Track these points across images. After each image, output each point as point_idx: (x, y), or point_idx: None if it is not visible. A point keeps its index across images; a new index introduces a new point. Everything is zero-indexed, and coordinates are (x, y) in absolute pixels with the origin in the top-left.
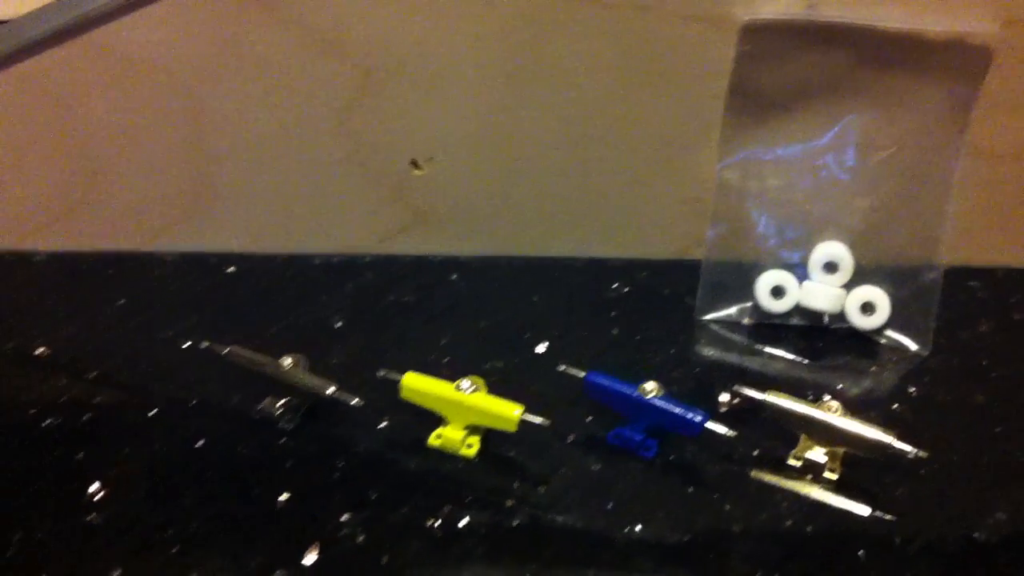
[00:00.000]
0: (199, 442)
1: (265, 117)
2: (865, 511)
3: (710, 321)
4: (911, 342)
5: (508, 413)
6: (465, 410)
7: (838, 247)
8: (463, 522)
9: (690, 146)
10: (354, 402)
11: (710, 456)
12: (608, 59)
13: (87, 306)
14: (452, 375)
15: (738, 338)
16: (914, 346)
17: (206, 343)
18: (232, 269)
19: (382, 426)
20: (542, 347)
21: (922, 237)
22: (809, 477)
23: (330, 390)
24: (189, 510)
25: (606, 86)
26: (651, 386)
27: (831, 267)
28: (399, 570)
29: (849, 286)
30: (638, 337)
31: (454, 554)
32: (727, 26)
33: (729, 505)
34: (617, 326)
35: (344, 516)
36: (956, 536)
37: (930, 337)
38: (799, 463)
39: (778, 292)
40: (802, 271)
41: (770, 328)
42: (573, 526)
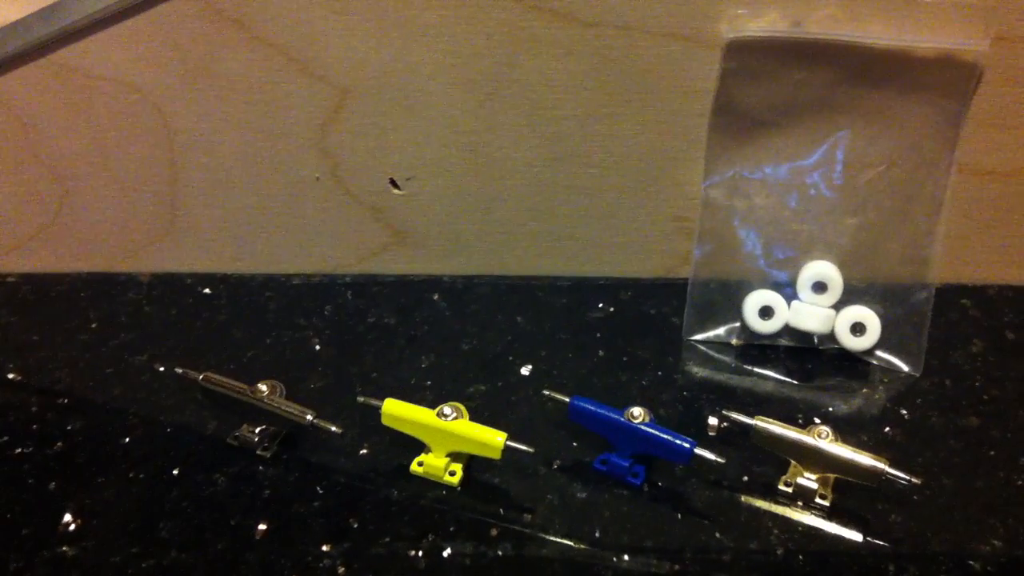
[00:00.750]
0: (174, 470)
1: (240, 136)
2: (858, 538)
3: (698, 342)
4: (902, 363)
5: (492, 440)
6: (448, 437)
7: (827, 267)
8: (446, 552)
9: (675, 164)
10: (333, 430)
11: (699, 482)
12: (590, 77)
13: (60, 329)
14: (434, 398)
15: (726, 359)
16: (905, 367)
17: (180, 370)
18: (208, 290)
19: (363, 453)
20: (526, 370)
21: (912, 256)
22: (800, 504)
23: (309, 418)
24: (165, 541)
25: (588, 105)
26: (638, 412)
27: (820, 287)
28: None
29: (839, 306)
30: (624, 359)
31: None
32: (712, 43)
33: (719, 532)
34: (603, 347)
35: (324, 547)
36: (951, 564)
37: (922, 358)
38: (790, 488)
39: (767, 312)
40: (791, 291)
41: (759, 349)
42: (559, 555)
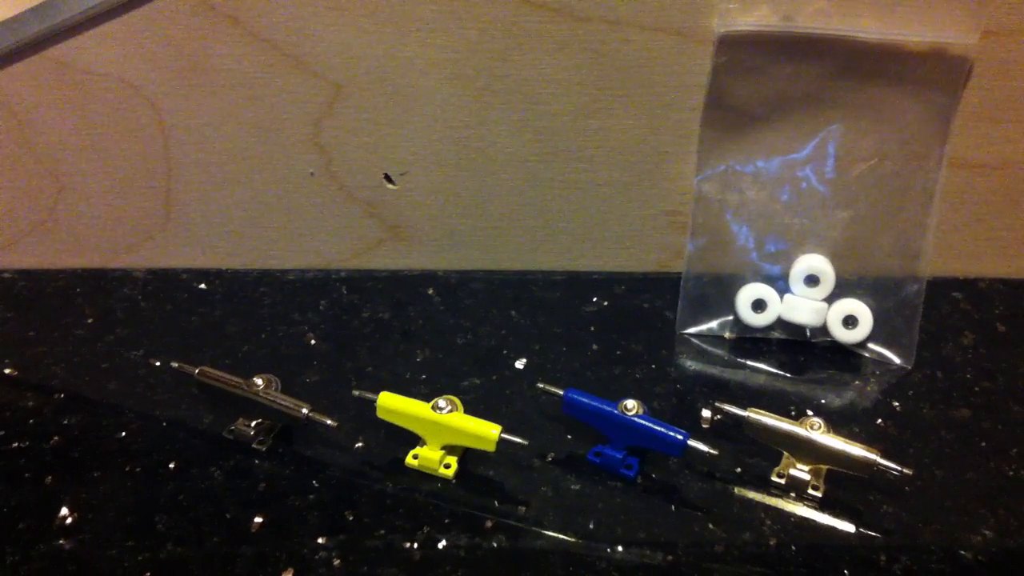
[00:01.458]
0: (170, 464)
1: (234, 131)
2: (850, 529)
3: (691, 335)
4: (894, 355)
5: (486, 433)
6: (442, 430)
7: (819, 260)
8: (441, 544)
9: (668, 159)
10: (329, 423)
11: (692, 474)
12: (582, 72)
13: (55, 325)
14: (429, 392)
15: (719, 352)
16: (897, 359)
17: (175, 364)
18: (203, 286)
19: (358, 446)
20: (520, 363)
21: (904, 249)
22: (793, 495)
23: (304, 412)
24: (161, 534)
25: (581, 99)
26: (631, 404)
27: (813, 280)
28: None
29: (831, 299)
30: (618, 352)
31: None
32: (703, 38)
33: (712, 524)
34: (596, 341)
35: (320, 539)
36: (942, 554)
37: (913, 350)
38: (783, 480)
39: (759, 306)
40: (783, 284)
41: (752, 342)
42: (554, 547)
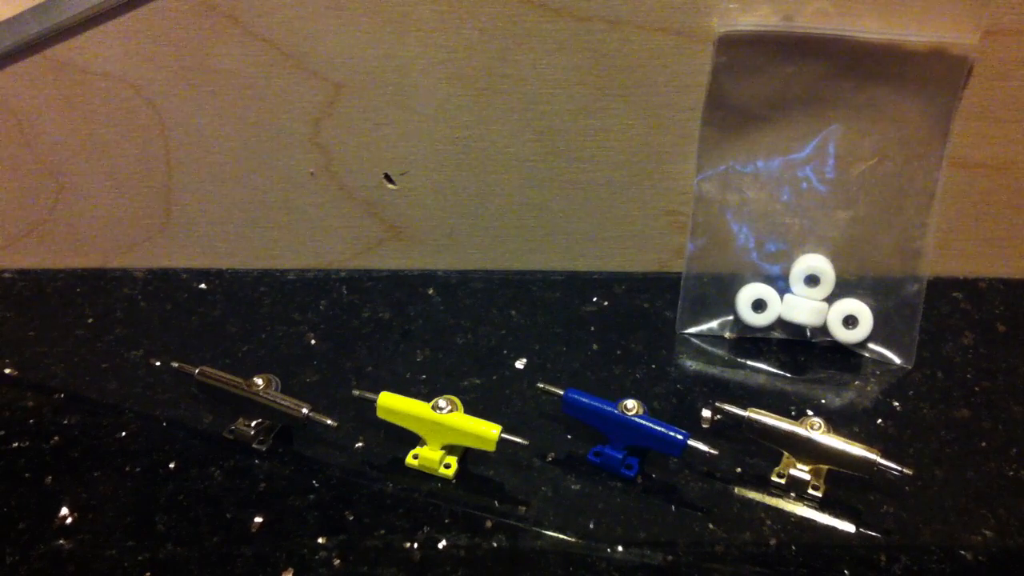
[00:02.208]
0: (170, 464)
1: (234, 131)
2: (850, 528)
3: (691, 335)
4: (894, 355)
5: (487, 433)
6: (442, 430)
7: (820, 260)
8: (441, 544)
9: (668, 159)
10: (329, 423)
11: (692, 474)
12: (582, 72)
13: (55, 325)
14: (429, 392)
15: (719, 352)
16: (897, 359)
17: (176, 364)
18: (203, 286)
19: (358, 446)
20: (520, 363)
21: (904, 249)
22: (793, 495)
23: (304, 412)
24: (161, 534)
25: (581, 99)
26: (631, 404)
27: (813, 280)
28: None
29: (831, 299)
30: (618, 352)
31: None
32: (703, 38)
33: (712, 524)
34: (596, 341)
35: (319, 539)
36: (942, 554)
37: (913, 350)
38: (783, 480)
39: (759, 306)
40: (783, 284)
41: (752, 342)
42: (554, 547)
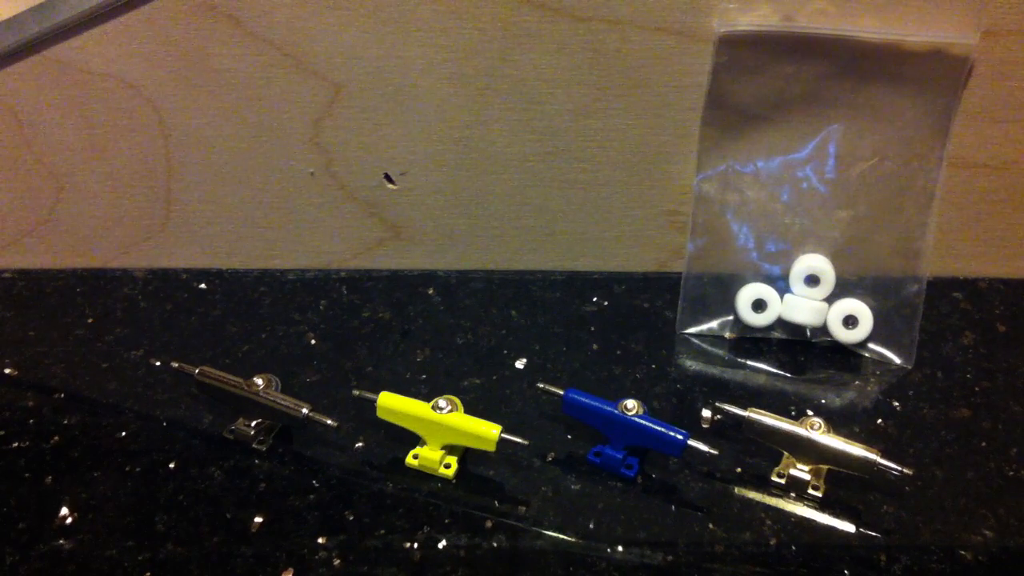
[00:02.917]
0: (170, 464)
1: (234, 132)
2: (850, 528)
3: (691, 335)
4: (894, 355)
5: (487, 433)
6: (442, 430)
7: (820, 260)
8: (441, 544)
9: (667, 159)
10: (329, 423)
11: (692, 474)
12: (582, 72)
13: (55, 325)
14: (429, 392)
15: (719, 352)
16: (897, 359)
17: (176, 364)
18: (203, 286)
19: (358, 446)
20: (520, 363)
21: (904, 249)
22: (793, 495)
23: (304, 412)
24: (161, 534)
25: (581, 99)
26: (632, 404)
27: (813, 280)
28: None
29: (831, 299)
30: (618, 352)
31: None
32: (703, 38)
33: (712, 524)
34: (596, 341)
35: (319, 539)
36: (942, 554)
37: (913, 350)
38: (783, 480)
39: (759, 306)
40: (783, 284)
41: (752, 342)
42: (554, 547)
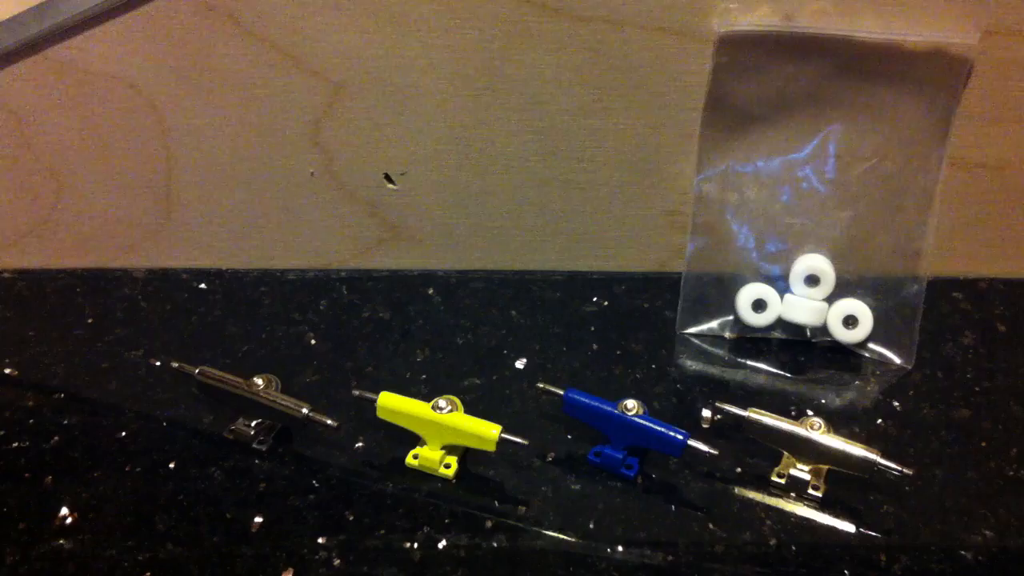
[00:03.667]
0: (170, 464)
1: (234, 131)
2: (850, 528)
3: (691, 335)
4: (894, 355)
5: (487, 433)
6: (442, 430)
7: (820, 260)
8: (441, 544)
9: (668, 158)
10: (329, 423)
11: (692, 474)
12: (582, 72)
13: (55, 325)
14: (429, 392)
15: (720, 352)
16: (897, 359)
17: (176, 364)
18: (203, 285)
19: (358, 446)
20: (520, 363)
21: (904, 249)
22: (793, 495)
23: (304, 412)
24: (161, 534)
25: (581, 99)
26: (632, 404)
27: (813, 280)
28: None
29: (831, 299)
30: (618, 352)
31: None
32: (704, 38)
33: (712, 524)
34: (596, 341)
35: (319, 539)
36: (942, 554)
37: (914, 350)
38: (783, 480)
39: (760, 306)
40: (783, 284)
41: (752, 342)
42: (554, 547)
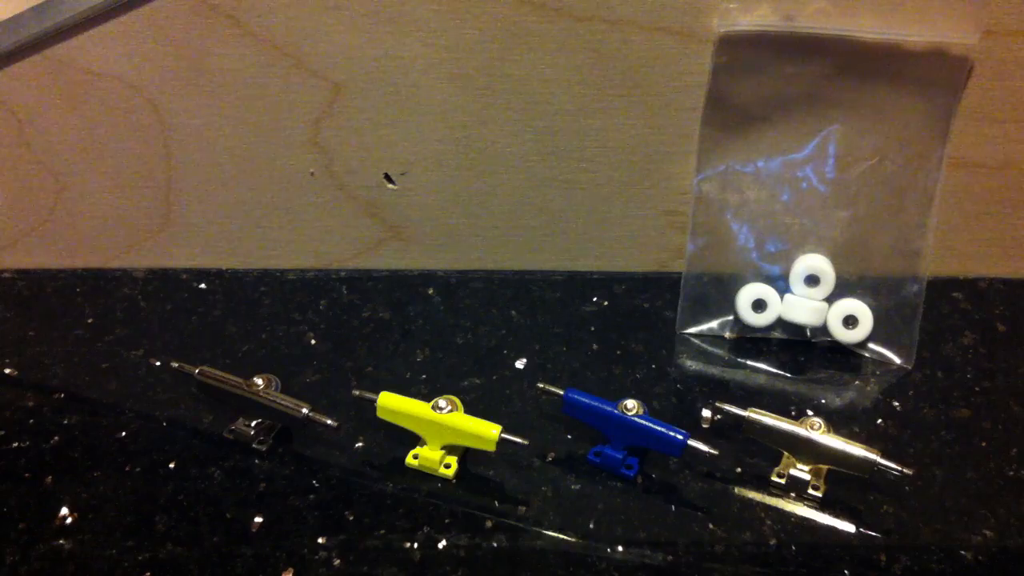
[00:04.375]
0: (170, 464)
1: (234, 132)
2: (850, 528)
3: (691, 335)
4: (894, 355)
5: (487, 433)
6: (442, 430)
7: (820, 260)
8: (441, 544)
9: (667, 158)
10: (329, 423)
11: (692, 474)
12: (582, 72)
13: (55, 325)
14: (429, 392)
15: (719, 352)
16: (897, 359)
17: (175, 364)
18: (203, 286)
19: (358, 446)
20: (520, 363)
21: (904, 249)
22: (793, 495)
23: (304, 412)
24: (161, 534)
25: (581, 99)
26: (631, 404)
27: (813, 280)
28: None
29: (831, 299)
30: (618, 352)
31: None
32: (704, 38)
33: (712, 524)
34: (596, 341)
35: (319, 539)
36: (942, 554)
37: (913, 350)
38: (783, 480)
39: (760, 306)
40: (783, 284)
41: (752, 342)
42: (554, 547)
